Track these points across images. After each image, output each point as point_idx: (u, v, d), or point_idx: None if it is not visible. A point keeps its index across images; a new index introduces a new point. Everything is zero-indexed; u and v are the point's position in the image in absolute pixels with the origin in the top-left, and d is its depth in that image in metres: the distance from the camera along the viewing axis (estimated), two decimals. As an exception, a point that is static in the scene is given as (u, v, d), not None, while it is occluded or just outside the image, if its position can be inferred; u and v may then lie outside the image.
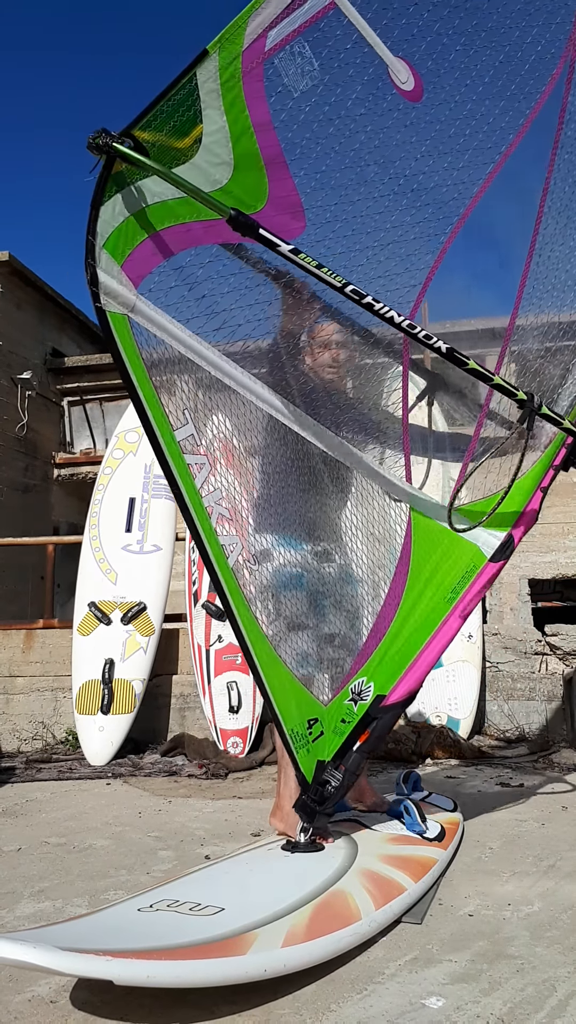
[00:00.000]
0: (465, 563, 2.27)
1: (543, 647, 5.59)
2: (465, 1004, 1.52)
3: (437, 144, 2.00)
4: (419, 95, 1.97)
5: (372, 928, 1.84)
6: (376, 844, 2.37)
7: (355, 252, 2.00)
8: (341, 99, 1.89)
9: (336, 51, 1.85)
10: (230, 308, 1.91)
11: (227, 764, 4.44)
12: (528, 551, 8.87)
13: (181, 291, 1.86)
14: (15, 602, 9.77)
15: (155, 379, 1.86)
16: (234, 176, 1.82)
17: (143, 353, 1.83)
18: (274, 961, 1.58)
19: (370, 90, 1.92)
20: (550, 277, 2.11)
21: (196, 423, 1.97)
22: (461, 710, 5.03)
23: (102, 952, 1.46)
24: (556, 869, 2.42)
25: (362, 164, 1.96)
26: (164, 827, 3.12)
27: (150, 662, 5.17)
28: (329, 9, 1.82)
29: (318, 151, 1.90)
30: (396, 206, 2.04)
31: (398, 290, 2.07)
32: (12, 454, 10.38)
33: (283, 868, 2.17)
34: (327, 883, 1.99)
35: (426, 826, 2.54)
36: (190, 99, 1.72)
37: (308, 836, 2.26)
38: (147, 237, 1.78)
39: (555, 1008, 1.51)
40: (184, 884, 2.03)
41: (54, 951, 1.41)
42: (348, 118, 1.91)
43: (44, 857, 2.70)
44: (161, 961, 1.48)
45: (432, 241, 2.10)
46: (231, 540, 2.05)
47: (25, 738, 5.56)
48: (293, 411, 2.11)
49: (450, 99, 1.99)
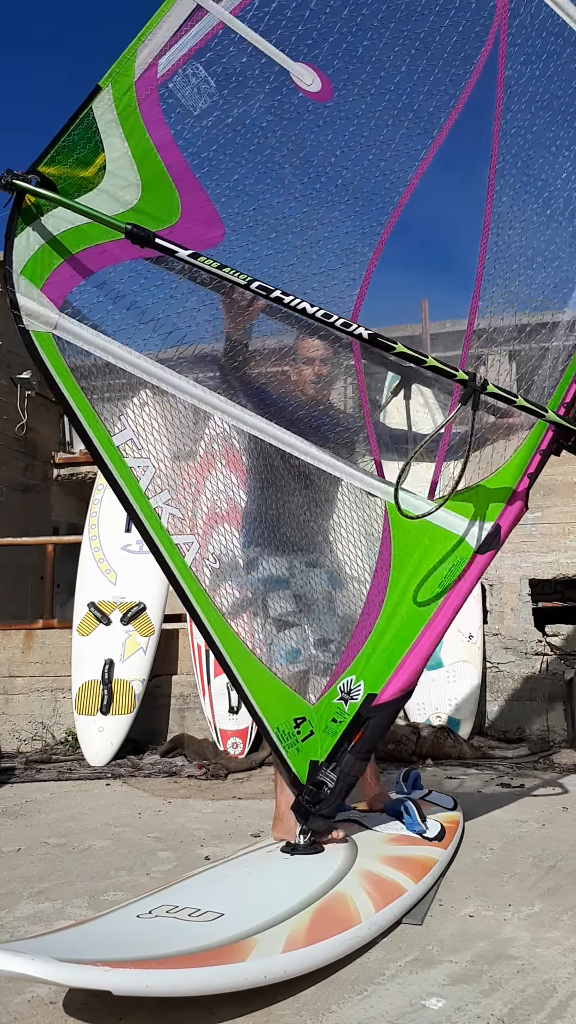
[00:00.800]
0: (451, 556, 2.23)
1: (544, 647, 5.58)
2: (465, 1005, 1.52)
3: (358, 138, 2.03)
4: (328, 94, 2.02)
5: (372, 931, 1.84)
6: (376, 845, 2.37)
7: (284, 253, 2.04)
8: (245, 110, 1.98)
9: (231, 66, 1.96)
10: (160, 316, 2.01)
11: (227, 765, 4.44)
12: (528, 551, 8.86)
13: (106, 305, 1.99)
14: (15, 602, 9.76)
15: (88, 390, 1.98)
16: (143, 195, 1.95)
17: (72, 367, 1.97)
18: (274, 967, 1.57)
19: (274, 97, 1.99)
20: (514, 253, 2.13)
21: (135, 429, 2.06)
22: (461, 710, 5.03)
23: (100, 963, 1.45)
24: (557, 870, 2.42)
25: (277, 168, 2.03)
26: (164, 828, 3.11)
27: (150, 662, 5.16)
28: (217, 30, 1.94)
29: (227, 161, 1.99)
30: (322, 204, 2.07)
31: (337, 285, 2.10)
32: (12, 454, 10.37)
33: (282, 871, 2.16)
34: (327, 886, 1.98)
35: (426, 825, 2.54)
36: (89, 132, 1.89)
37: (307, 839, 2.25)
38: (64, 261, 1.95)
39: (555, 1009, 1.50)
40: (183, 888, 2.02)
41: (52, 963, 1.40)
42: (255, 126, 2.00)
43: (44, 858, 2.70)
44: (160, 970, 1.47)
45: (368, 233, 2.12)
46: (185, 539, 2.10)
47: (25, 738, 5.56)
48: (242, 413, 2.17)
49: (364, 93, 2.01)
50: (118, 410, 2.05)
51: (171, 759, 4.83)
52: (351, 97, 2.04)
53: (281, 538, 2.40)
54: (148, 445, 2.07)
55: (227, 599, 2.26)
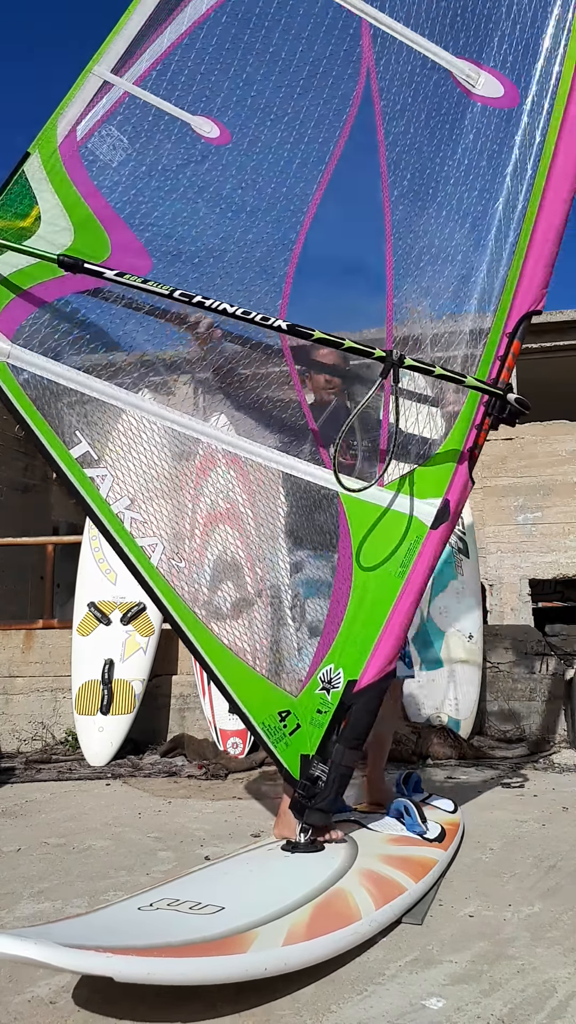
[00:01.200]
0: (408, 536, 2.31)
1: (543, 647, 5.58)
2: (465, 1005, 1.52)
3: (259, 171, 2.40)
4: (227, 138, 2.40)
5: (372, 928, 1.84)
6: (376, 845, 2.37)
7: (208, 275, 2.37)
8: (155, 158, 2.39)
9: (140, 125, 2.37)
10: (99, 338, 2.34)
11: (227, 765, 4.43)
12: (529, 551, 8.86)
13: (53, 332, 2.30)
14: (15, 602, 9.76)
15: (43, 408, 2.25)
16: (77, 237, 2.29)
17: (27, 390, 2.26)
18: (275, 960, 1.58)
19: (179, 145, 2.38)
20: (419, 253, 2.41)
21: (92, 441, 2.28)
22: (461, 710, 5.03)
23: (102, 949, 1.45)
24: (557, 870, 2.42)
25: (191, 203, 2.39)
26: (164, 828, 3.11)
27: (150, 662, 5.16)
28: (124, 98, 2.36)
29: (146, 202, 2.35)
30: (236, 229, 2.40)
31: (260, 297, 2.39)
32: (12, 454, 10.37)
33: (283, 868, 2.17)
34: (327, 883, 1.98)
35: (426, 827, 2.54)
36: (24, 190, 2.28)
37: (307, 836, 2.26)
38: (13, 298, 2.28)
39: (556, 1009, 1.50)
40: (184, 884, 2.03)
41: (55, 947, 1.41)
42: (167, 171, 2.39)
43: (44, 858, 2.70)
44: (162, 958, 1.48)
45: (281, 249, 2.42)
46: (150, 542, 2.28)
47: (25, 738, 5.56)
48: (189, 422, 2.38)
49: (259, 134, 2.40)
50: (73, 425, 2.28)
51: (171, 759, 4.83)
52: (247, 138, 2.41)
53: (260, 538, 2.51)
54: (104, 456, 2.29)
55: (197, 597, 2.36)
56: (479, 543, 7.19)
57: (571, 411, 9.41)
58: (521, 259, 2.30)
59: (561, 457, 8.93)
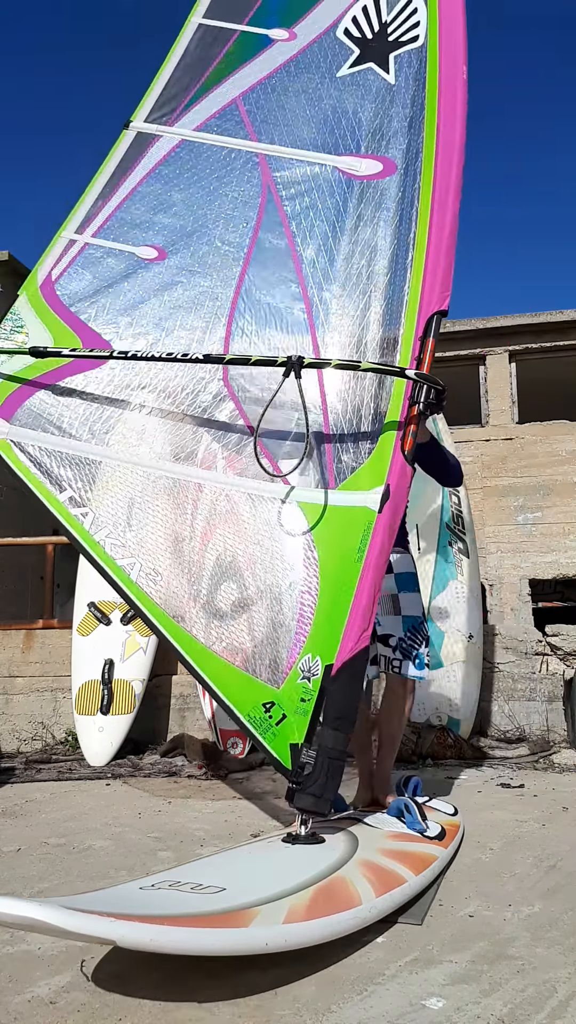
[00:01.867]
0: (360, 524, 2.52)
1: (544, 647, 5.58)
2: (465, 1005, 1.52)
3: (193, 269, 3.15)
4: (164, 256, 3.19)
5: (373, 914, 1.84)
6: (376, 840, 2.37)
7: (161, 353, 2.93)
8: (110, 278, 3.18)
9: (95, 258, 3.21)
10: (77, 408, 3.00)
11: (227, 765, 4.44)
12: (528, 551, 8.86)
13: (44, 409, 2.97)
14: (15, 602, 9.76)
15: (37, 468, 2.86)
16: (54, 342, 3.03)
17: (23, 456, 2.88)
18: (275, 936, 1.58)
19: (130, 269, 3.18)
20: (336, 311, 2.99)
21: (75, 488, 2.85)
22: (461, 710, 5.03)
23: (106, 914, 1.45)
24: (557, 870, 2.42)
25: (139, 303, 3.13)
26: (164, 828, 3.12)
27: (150, 662, 5.16)
28: (84, 248, 3.22)
29: (107, 311, 3.12)
30: (179, 311, 3.10)
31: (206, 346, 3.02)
32: None
33: (284, 856, 2.17)
34: (328, 870, 1.99)
35: (426, 824, 2.54)
36: (19, 319, 3.12)
37: (307, 826, 2.26)
38: (11, 392, 2.98)
39: (556, 1009, 1.50)
40: (185, 869, 2.04)
41: (59, 909, 1.40)
42: (118, 285, 3.16)
43: (44, 858, 2.70)
44: (165, 926, 1.48)
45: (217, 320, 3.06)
46: (128, 561, 2.72)
47: (25, 738, 5.56)
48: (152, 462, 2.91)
49: (188, 245, 3.19)
50: (60, 477, 2.86)
51: (171, 759, 4.83)
52: (179, 251, 3.20)
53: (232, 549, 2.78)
54: (85, 498, 2.83)
55: (173, 603, 2.67)
56: (479, 543, 7.19)
57: (571, 411, 9.41)
58: (420, 277, 2.74)
59: (561, 457, 8.93)
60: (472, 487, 8.64)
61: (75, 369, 2.99)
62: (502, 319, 9.47)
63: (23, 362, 2.98)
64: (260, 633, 2.58)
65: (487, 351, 9.56)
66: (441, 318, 2.67)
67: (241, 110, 3.30)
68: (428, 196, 2.82)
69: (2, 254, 10.15)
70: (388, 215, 2.94)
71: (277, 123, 3.23)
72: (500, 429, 9.26)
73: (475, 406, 9.67)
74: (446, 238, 2.74)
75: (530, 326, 9.41)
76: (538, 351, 9.55)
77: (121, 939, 1.41)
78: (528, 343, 9.51)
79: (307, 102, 3.24)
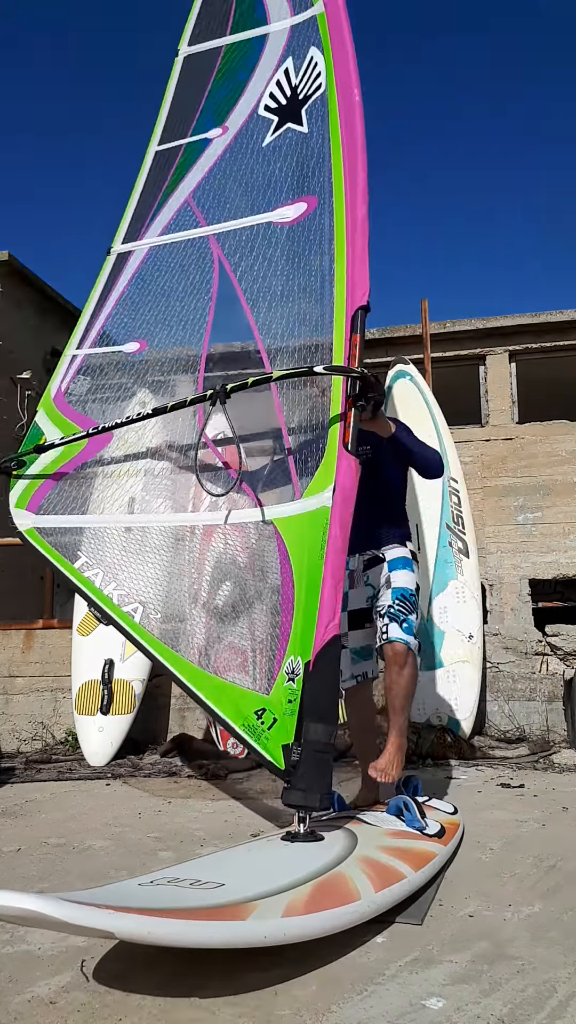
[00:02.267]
0: (319, 524, 2.68)
1: (544, 647, 5.58)
2: (465, 1005, 1.52)
3: (164, 348, 3.76)
4: (144, 346, 3.75)
5: (372, 909, 1.84)
6: (376, 837, 2.37)
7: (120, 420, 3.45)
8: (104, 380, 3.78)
9: (96, 366, 3.81)
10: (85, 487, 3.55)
11: (227, 765, 4.43)
12: (528, 551, 8.86)
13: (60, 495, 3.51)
14: (15, 602, 9.76)
15: (55, 544, 3.38)
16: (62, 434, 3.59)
17: (45, 537, 3.41)
18: (274, 929, 1.58)
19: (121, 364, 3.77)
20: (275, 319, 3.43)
21: (86, 554, 3.33)
22: (461, 710, 5.02)
23: (105, 906, 1.45)
24: (557, 870, 2.42)
25: (132, 386, 3.73)
26: (164, 828, 3.12)
27: (150, 662, 5.15)
28: (84, 360, 3.81)
29: (104, 402, 3.74)
30: (156, 371, 3.73)
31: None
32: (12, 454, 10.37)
33: (283, 854, 2.17)
34: (327, 866, 1.99)
35: (426, 823, 2.54)
36: (38, 432, 3.67)
37: (305, 824, 2.27)
38: (36, 489, 3.54)
39: (555, 1009, 1.50)
40: (184, 867, 2.04)
41: (59, 901, 1.40)
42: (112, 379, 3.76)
43: (44, 858, 2.70)
44: (163, 919, 1.48)
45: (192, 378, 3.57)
46: (132, 607, 3.09)
47: (25, 738, 5.56)
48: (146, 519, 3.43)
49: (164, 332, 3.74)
50: (74, 547, 3.37)
51: (171, 759, 4.83)
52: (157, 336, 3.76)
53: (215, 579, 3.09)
54: (95, 560, 3.31)
55: (172, 635, 2.98)
56: (479, 543, 7.19)
57: (571, 411, 9.41)
58: (343, 283, 3.01)
59: (561, 457, 8.92)
60: (472, 487, 8.64)
61: (83, 457, 3.54)
62: (502, 319, 9.46)
63: (44, 462, 3.57)
64: (249, 647, 2.70)
65: (487, 351, 9.56)
66: (364, 313, 2.90)
67: (192, 205, 3.87)
68: (341, 210, 3.15)
69: (2, 254, 10.16)
70: (317, 240, 3.28)
71: (220, 204, 3.75)
72: (500, 429, 9.25)
73: (475, 406, 9.67)
74: (359, 240, 3.03)
75: (530, 326, 9.40)
76: (538, 351, 9.55)
77: (119, 931, 1.41)
78: (528, 343, 9.51)
79: (242, 177, 3.74)
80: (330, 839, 2.27)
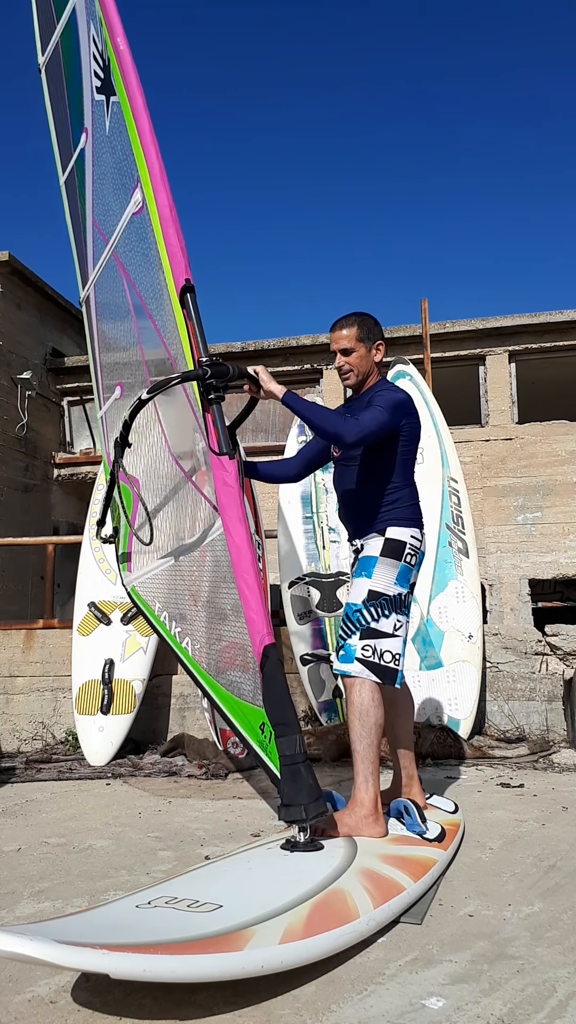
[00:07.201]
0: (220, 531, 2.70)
1: (543, 647, 5.58)
2: (465, 1004, 1.52)
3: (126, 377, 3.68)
4: (121, 385, 3.69)
5: (371, 927, 1.84)
6: (376, 844, 2.37)
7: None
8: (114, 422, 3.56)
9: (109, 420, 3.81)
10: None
11: (227, 764, 4.44)
12: (528, 551, 8.86)
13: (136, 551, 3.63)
14: (15, 602, 9.77)
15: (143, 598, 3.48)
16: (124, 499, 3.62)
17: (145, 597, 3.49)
18: (271, 958, 1.58)
19: (116, 408, 3.66)
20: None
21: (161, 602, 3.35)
22: (461, 710, 5.03)
23: (99, 946, 1.46)
24: (557, 869, 2.42)
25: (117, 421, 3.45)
26: (164, 827, 3.12)
27: (150, 662, 5.16)
28: (104, 419, 3.88)
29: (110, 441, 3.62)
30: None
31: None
32: (12, 454, 10.37)
33: (282, 866, 2.17)
34: (326, 881, 1.98)
35: (426, 827, 2.54)
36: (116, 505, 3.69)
37: (306, 833, 2.26)
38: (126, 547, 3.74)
39: (555, 1008, 1.50)
40: (182, 881, 2.03)
41: (52, 944, 1.41)
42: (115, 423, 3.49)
43: (44, 857, 2.70)
44: (158, 955, 1.48)
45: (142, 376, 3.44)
46: (187, 642, 3.07)
47: (25, 738, 5.56)
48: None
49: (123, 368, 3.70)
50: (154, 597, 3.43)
51: (171, 759, 4.83)
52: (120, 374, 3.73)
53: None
54: (166, 606, 3.31)
55: (206, 661, 2.92)
56: (479, 543, 7.19)
57: (571, 411, 9.41)
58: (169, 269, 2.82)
59: (561, 457, 8.92)
60: (472, 487, 8.64)
61: (135, 507, 3.56)
62: (502, 319, 9.47)
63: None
64: (241, 661, 2.63)
65: (487, 351, 9.56)
66: (191, 294, 2.73)
67: (96, 227, 3.62)
68: (146, 177, 2.90)
69: (2, 254, 10.16)
70: (148, 221, 3.02)
71: (107, 214, 3.43)
72: (500, 429, 9.25)
73: (475, 406, 9.67)
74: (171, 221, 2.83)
75: (530, 326, 9.41)
76: (538, 351, 9.55)
77: (114, 971, 1.42)
78: (528, 343, 9.51)
79: (108, 177, 3.39)
80: (330, 848, 2.26)
